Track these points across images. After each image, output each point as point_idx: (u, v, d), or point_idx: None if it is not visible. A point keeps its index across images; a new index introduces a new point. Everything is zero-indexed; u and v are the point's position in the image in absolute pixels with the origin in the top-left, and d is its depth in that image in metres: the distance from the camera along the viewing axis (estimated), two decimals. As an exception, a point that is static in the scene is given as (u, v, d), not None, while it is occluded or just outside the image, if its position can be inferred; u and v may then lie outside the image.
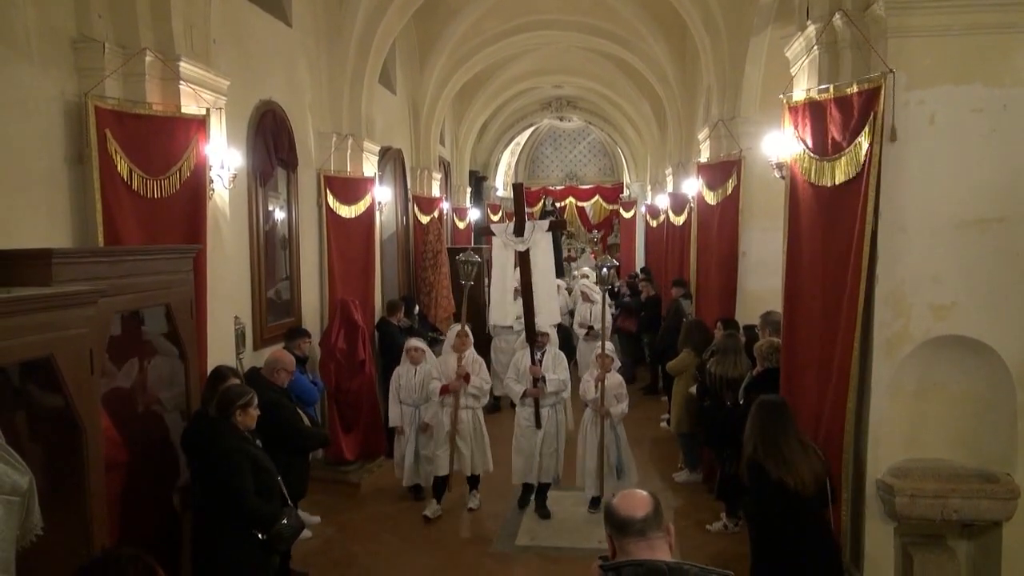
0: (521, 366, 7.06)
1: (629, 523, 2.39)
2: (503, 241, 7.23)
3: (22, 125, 4.22)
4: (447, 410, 7.00)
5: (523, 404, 7.01)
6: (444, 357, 7.23)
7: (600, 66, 14.44)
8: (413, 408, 7.32)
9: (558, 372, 6.99)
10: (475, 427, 7.09)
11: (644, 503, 2.45)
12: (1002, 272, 4.33)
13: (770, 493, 4.05)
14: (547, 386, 6.86)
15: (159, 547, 4.29)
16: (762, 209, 7.53)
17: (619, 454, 6.78)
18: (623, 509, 2.44)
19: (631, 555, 2.36)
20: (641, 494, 2.51)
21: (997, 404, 4.43)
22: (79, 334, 3.16)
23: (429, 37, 11.50)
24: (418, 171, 12.24)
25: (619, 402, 6.78)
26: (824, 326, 4.66)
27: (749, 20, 7.77)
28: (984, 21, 4.26)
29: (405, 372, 7.40)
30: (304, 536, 5.77)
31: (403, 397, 7.39)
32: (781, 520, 4.07)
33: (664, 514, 2.46)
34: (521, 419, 7.04)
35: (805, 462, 4.08)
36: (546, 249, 7.19)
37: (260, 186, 6.91)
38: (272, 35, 7.24)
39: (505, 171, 22.53)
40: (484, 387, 7.11)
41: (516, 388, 7.03)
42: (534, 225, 7.18)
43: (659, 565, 2.29)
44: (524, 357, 7.08)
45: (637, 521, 2.39)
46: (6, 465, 2.59)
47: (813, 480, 4.06)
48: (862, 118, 4.27)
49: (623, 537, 2.40)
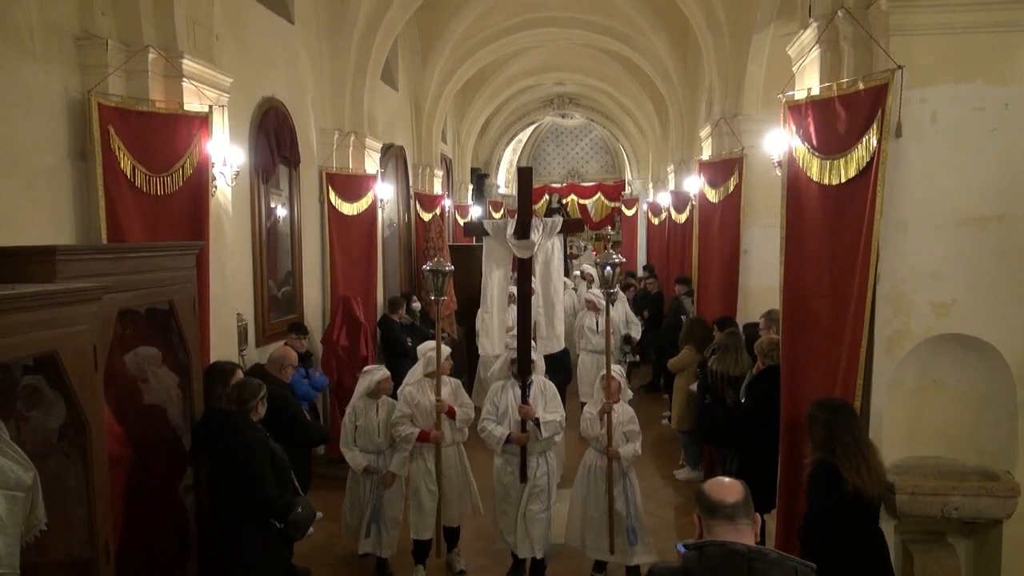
0: (501, 402, 5.50)
1: (719, 507, 2.49)
2: (500, 244, 5.46)
3: (25, 122, 4.24)
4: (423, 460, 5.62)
5: (504, 451, 5.49)
6: (412, 388, 5.64)
7: (602, 63, 14.44)
8: (376, 455, 5.76)
9: (551, 410, 5.48)
10: (460, 468, 5.77)
11: (735, 490, 2.55)
12: (1003, 270, 4.33)
13: (837, 498, 3.79)
14: (542, 431, 5.34)
15: (164, 541, 4.32)
16: (764, 207, 7.53)
17: (629, 510, 5.41)
18: (715, 493, 2.54)
19: (717, 537, 2.45)
20: (732, 481, 2.61)
21: (997, 402, 4.43)
22: (83, 330, 3.18)
23: (431, 34, 11.50)
24: (420, 168, 12.26)
25: (629, 441, 5.43)
26: (829, 324, 4.64)
27: (751, 17, 7.76)
28: (986, 19, 4.26)
29: (364, 409, 5.77)
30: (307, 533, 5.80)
31: (362, 442, 5.73)
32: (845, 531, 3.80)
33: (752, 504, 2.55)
34: (502, 472, 5.53)
35: (881, 469, 3.93)
36: (555, 257, 5.51)
37: (262, 183, 6.93)
38: (274, 32, 7.24)
39: (507, 168, 22.55)
40: (470, 415, 5.71)
41: (496, 432, 5.40)
42: (542, 225, 5.39)
43: (740, 547, 2.38)
44: (506, 391, 5.52)
45: (727, 506, 2.49)
46: (10, 460, 2.61)
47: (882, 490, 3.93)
48: (869, 115, 4.27)
49: (711, 519, 2.50)
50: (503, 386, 5.59)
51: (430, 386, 5.55)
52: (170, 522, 4.41)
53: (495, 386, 5.69)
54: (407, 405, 5.58)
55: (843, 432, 3.90)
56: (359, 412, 5.76)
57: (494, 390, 5.65)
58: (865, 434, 4.05)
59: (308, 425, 5.62)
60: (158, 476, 4.34)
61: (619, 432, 5.39)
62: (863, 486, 3.77)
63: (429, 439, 5.49)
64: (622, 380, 5.59)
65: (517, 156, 23.38)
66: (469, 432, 5.80)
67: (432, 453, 5.58)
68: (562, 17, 11.92)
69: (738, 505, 2.49)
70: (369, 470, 5.69)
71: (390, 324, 8.76)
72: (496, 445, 5.46)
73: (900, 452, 4.47)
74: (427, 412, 5.53)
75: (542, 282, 5.52)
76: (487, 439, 5.51)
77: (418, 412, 5.56)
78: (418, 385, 5.65)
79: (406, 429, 5.53)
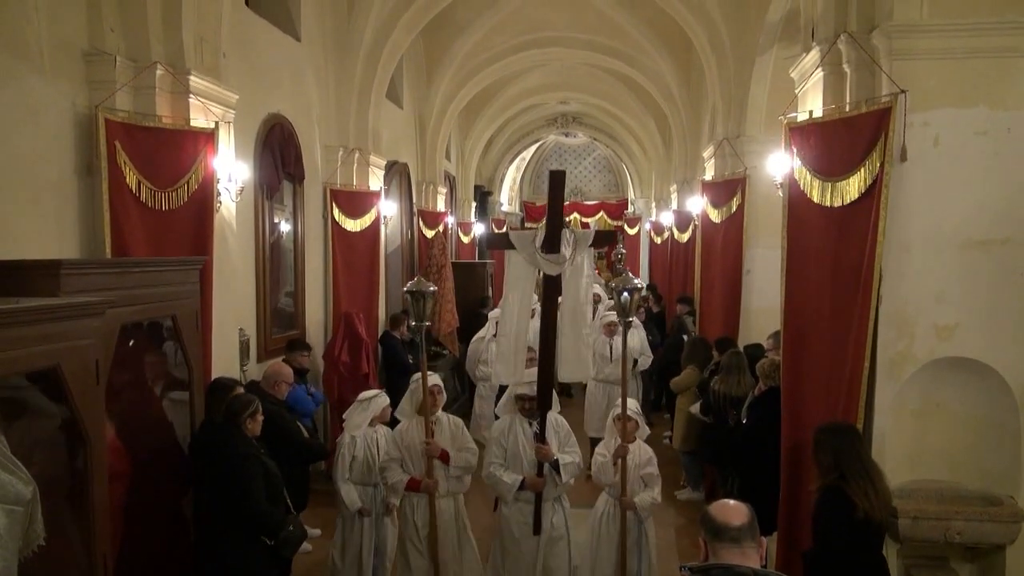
0: (509, 442, 4.82)
1: (725, 529, 2.45)
2: (526, 259, 4.69)
3: (33, 136, 4.27)
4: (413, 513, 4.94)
5: (515, 500, 4.81)
6: (403, 425, 5.04)
7: (606, 83, 14.52)
8: (372, 488, 5.27)
9: (568, 450, 4.88)
10: (457, 524, 5.01)
11: (741, 512, 2.51)
12: (1005, 293, 4.33)
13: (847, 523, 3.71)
14: (561, 475, 4.75)
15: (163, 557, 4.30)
16: (766, 228, 7.54)
17: (641, 567, 4.83)
18: (720, 516, 2.50)
19: (722, 560, 2.43)
20: (738, 504, 2.57)
21: (1000, 426, 4.41)
22: (86, 345, 3.18)
23: (436, 52, 11.59)
24: (424, 185, 12.30)
25: (647, 486, 4.88)
26: (831, 346, 4.64)
27: (754, 40, 7.82)
28: (987, 45, 4.29)
29: (362, 441, 5.24)
30: (304, 549, 5.76)
31: (358, 475, 5.21)
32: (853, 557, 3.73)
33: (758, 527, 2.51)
34: (511, 522, 4.82)
35: (887, 493, 3.88)
36: (584, 273, 4.81)
37: (267, 199, 6.95)
38: (281, 49, 7.30)
39: (510, 186, 22.63)
40: (472, 461, 4.97)
41: (506, 478, 4.75)
42: (573, 236, 4.65)
43: (745, 571, 2.35)
44: (514, 429, 4.85)
45: (733, 529, 2.45)
46: (9, 475, 2.60)
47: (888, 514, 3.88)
48: (872, 138, 4.29)
49: (717, 542, 2.46)
50: (511, 424, 4.88)
51: (421, 424, 4.85)
52: (170, 537, 4.39)
53: (501, 423, 4.97)
54: (396, 446, 4.94)
55: (850, 456, 3.82)
56: (358, 443, 5.24)
57: (499, 428, 4.92)
58: (871, 458, 4.01)
59: (302, 442, 5.58)
60: (159, 491, 4.32)
61: (635, 475, 4.83)
62: (872, 510, 3.69)
63: (419, 489, 4.80)
64: (639, 418, 5.05)
65: (520, 174, 23.48)
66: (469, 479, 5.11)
67: (423, 505, 4.87)
68: (566, 37, 12.00)
69: (744, 528, 2.46)
70: (363, 513, 5.21)
71: (391, 341, 8.75)
72: (508, 494, 4.77)
73: (903, 476, 4.45)
74: (420, 455, 4.84)
75: (569, 302, 4.81)
76: (495, 486, 4.83)
77: (409, 455, 4.87)
78: (411, 422, 4.98)
79: (394, 475, 4.88)
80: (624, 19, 10.70)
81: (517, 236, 4.81)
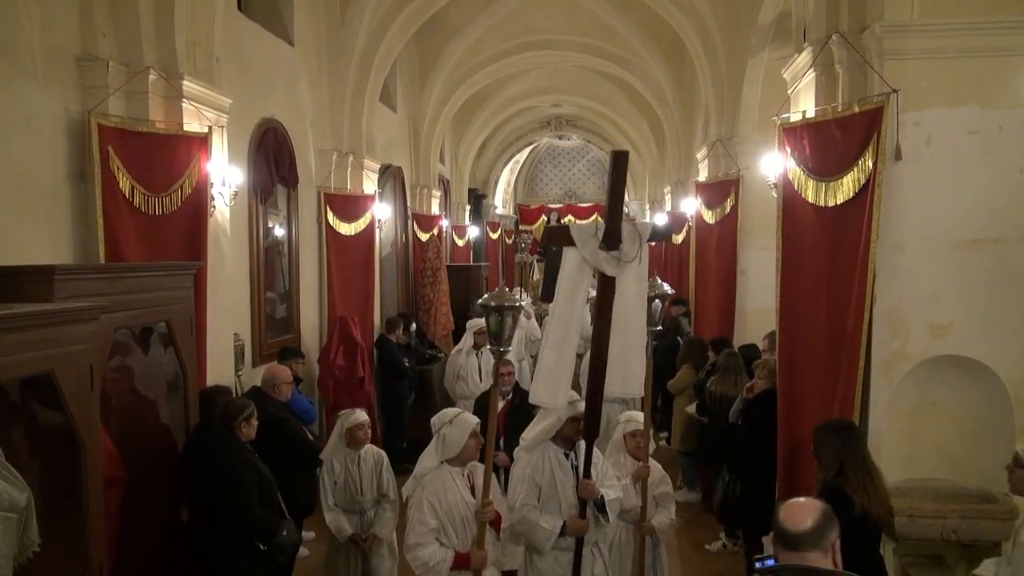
0: (544, 478, 4.04)
1: (781, 534, 2.31)
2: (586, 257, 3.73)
3: (26, 142, 4.25)
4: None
5: (552, 549, 4.03)
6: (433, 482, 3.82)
7: (599, 85, 14.55)
8: (359, 516, 4.87)
9: (608, 482, 4.18)
10: None
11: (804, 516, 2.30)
12: (998, 292, 4.35)
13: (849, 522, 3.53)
14: (608, 513, 4.04)
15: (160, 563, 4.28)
16: (761, 228, 7.56)
17: None
18: (782, 517, 2.34)
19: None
20: (807, 505, 2.36)
21: (995, 423, 4.43)
22: (80, 350, 3.17)
23: (430, 56, 11.59)
24: (418, 189, 12.29)
25: (660, 506, 4.53)
26: (826, 345, 4.65)
27: (747, 41, 7.85)
28: (979, 44, 4.32)
29: (343, 462, 4.82)
30: (301, 554, 5.74)
31: (342, 501, 4.81)
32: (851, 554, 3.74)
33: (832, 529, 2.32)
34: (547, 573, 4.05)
35: (885, 490, 3.86)
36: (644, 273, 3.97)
37: (261, 203, 6.94)
38: (274, 54, 7.29)
39: (504, 189, 22.63)
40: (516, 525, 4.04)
41: (545, 524, 3.95)
42: (635, 230, 3.81)
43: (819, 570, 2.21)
44: (546, 461, 4.08)
45: (789, 536, 2.29)
46: (4, 482, 2.59)
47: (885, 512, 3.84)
48: (865, 138, 4.31)
49: (777, 544, 2.33)
50: (542, 455, 4.10)
51: (459, 477, 3.86)
52: (167, 544, 4.37)
53: (531, 457, 4.13)
54: (430, 512, 3.71)
55: (849, 453, 3.83)
56: (337, 466, 4.83)
57: (530, 463, 4.10)
58: (869, 455, 4.02)
59: (311, 446, 5.57)
60: (156, 497, 4.30)
61: (649, 496, 4.43)
62: (869, 506, 3.69)
63: (469, 566, 3.73)
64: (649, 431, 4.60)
65: (515, 177, 23.50)
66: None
67: None
68: (559, 40, 12.03)
69: (803, 536, 2.26)
70: (355, 540, 4.83)
71: (387, 344, 8.74)
72: (547, 542, 3.96)
73: (899, 474, 4.46)
74: (462, 520, 3.78)
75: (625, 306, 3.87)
76: (528, 534, 4.01)
77: (448, 521, 3.75)
78: (440, 476, 3.85)
79: (432, 554, 3.69)
80: (617, 22, 10.73)
81: (578, 230, 3.80)
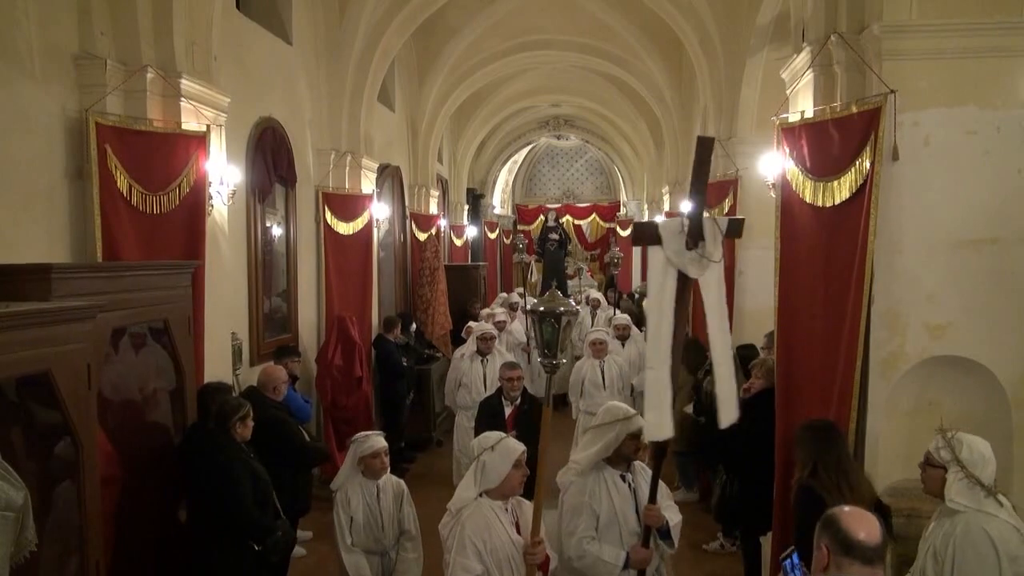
0: (602, 506, 3.68)
1: (858, 547, 2.20)
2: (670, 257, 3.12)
3: (23, 141, 4.24)
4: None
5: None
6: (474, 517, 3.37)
7: (597, 85, 14.56)
8: (379, 557, 4.29)
9: (668, 503, 3.82)
10: None
11: (876, 528, 2.24)
12: (996, 292, 4.35)
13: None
14: (672, 539, 3.75)
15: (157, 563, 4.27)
16: (759, 228, 7.53)
17: None
18: (854, 530, 2.23)
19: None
20: (871, 515, 2.30)
21: (992, 425, 4.42)
22: (77, 349, 3.16)
23: (428, 55, 11.60)
24: (416, 188, 12.29)
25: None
26: (824, 345, 4.66)
27: (745, 42, 7.84)
28: (977, 44, 4.32)
29: (361, 494, 4.27)
30: (298, 553, 5.74)
31: (361, 540, 4.24)
32: None
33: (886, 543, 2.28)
34: None
35: (868, 491, 3.84)
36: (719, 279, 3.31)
37: (259, 202, 6.94)
38: (272, 53, 7.29)
39: (502, 189, 22.62)
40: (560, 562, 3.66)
41: (607, 557, 3.58)
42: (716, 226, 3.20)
43: None
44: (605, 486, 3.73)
45: (868, 549, 2.21)
46: (1, 480, 2.59)
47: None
48: (863, 138, 4.31)
49: (844, 557, 2.22)
50: (597, 479, 3.72)
51: (502, 512, 3.42)
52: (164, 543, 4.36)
53: (585, 483, 3.72)
54: (474, 555, 3.27)
55: (824, 452, 3.85)
56: (353, 500, 4.25)
57: (584, 489, 3.70)
58: (849, 455, 4.02)
59: (308, 446, 5.58)
60: (153, 497, 4.30)
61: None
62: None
63: None
64: None
65: (513, 176, 23.48)
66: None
67: None
68: (558, 40, 12.03)
69: (879, 548, 2.20)
70: None
71: (385, 344, 8.74)
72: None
73: (896, 474, 4.46)
74: (509, 561, 3.34)
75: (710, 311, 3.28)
76: (590, 570, 3.62)
77: (494, 563, 3.31)
78: (480, 511, 3.39)
79: None
80: (615, 22, 10.73)
81: (665, 226, 3.18)
